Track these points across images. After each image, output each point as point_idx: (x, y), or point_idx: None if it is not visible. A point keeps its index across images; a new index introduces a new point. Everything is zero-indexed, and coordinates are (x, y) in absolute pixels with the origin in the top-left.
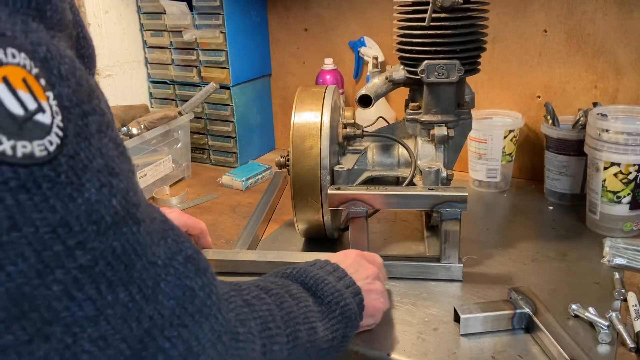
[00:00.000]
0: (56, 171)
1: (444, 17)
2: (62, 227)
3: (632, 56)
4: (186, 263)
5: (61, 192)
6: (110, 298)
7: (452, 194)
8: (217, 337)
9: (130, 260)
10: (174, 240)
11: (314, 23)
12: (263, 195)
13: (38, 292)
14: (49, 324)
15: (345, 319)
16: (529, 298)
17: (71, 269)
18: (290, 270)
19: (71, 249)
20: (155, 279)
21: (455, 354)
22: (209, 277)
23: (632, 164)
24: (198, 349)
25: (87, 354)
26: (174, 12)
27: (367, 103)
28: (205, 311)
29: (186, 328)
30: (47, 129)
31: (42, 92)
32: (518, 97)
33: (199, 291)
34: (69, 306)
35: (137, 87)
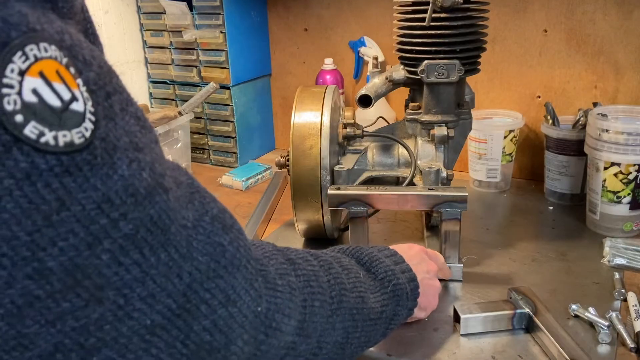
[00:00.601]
0: (93, 154)
1: (444, 17)
2: (105, 203)
3: (632, 56)
4: (213, 222)
5: (99, 172)
6: (153, 260)
7: (452, 194)
8: (249, 284)
9: (165, 225)
10: (200, 202)
11: (314, 23)
12: (263, 195)
13: (89, 262)
14: (101, 289)
15: (396, 297)
16: (529, 298)
17: (117, 238)
18: (347, 247)
19: (115, 221)
20: (188, 239)
21: (455, 354)
22: (235, 232)
23: (632, 164)
24: (234, 296)
25: (139, 311)
26: (174, 12)
27: (367, 103)
28: (236, 262)
29: (222, 279)
30: (82, 116)
31: (73, 81)
32: (518, 97)
33: (228, 246)
34: (118, 271)
35: (137, 87)
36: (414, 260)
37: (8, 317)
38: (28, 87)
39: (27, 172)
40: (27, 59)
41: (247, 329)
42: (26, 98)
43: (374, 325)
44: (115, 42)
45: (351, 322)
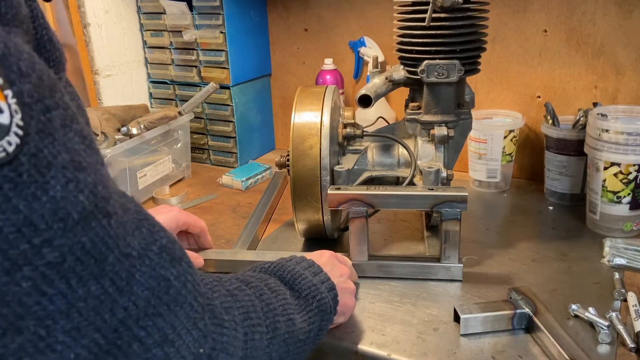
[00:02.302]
0: (17, 171)
1: (444, 17)
2: (27, 227)
3: (632, 56)
4: (161, 253)
5: (24, 192)
6: (81, 292)
7: (452, 194)
8: (192, 323)
9: (101, 254)
10: (149, 230)
11: (314, 23)
12: (263, 195)
13: (7, 289)
14: (21, 318)
15: (321, 312)
16: (529, 298)
17: (39, 265)
18: (268, 265)
19: (37, 247)
20: (130, 270)
21: (455, 354)
22: (184, 265)
23: (632, 164)
24: (173, 336)
25: (62, 344)
26: (174, 12)
27: (367, 103)
28: (180, 299)
29: (161, 317)
30: (5, 130)
31: (0, 92)
32: (518, 97)
33: (174, 281)
34: (40, 300)
35: (137, 87)
36: (327, 267)
37: None
38: None
39: None
40: None
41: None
42: None
43: (303, 345)
44: (115, 42)
45: (284, 348)
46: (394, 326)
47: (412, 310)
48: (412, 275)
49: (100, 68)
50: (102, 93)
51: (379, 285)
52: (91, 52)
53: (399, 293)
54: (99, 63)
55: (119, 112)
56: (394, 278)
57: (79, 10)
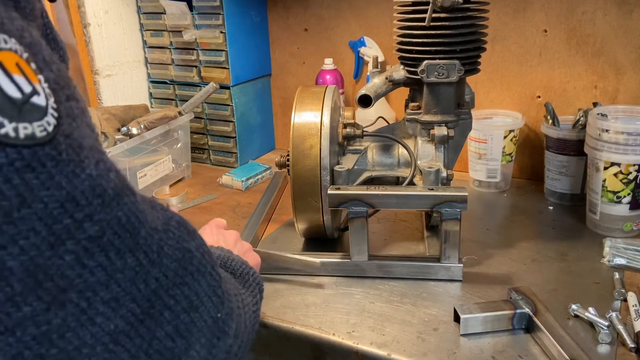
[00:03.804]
0: (57, 150)
1: (444, 17)
2: (70, 202)
3: (632, 56)
4: (179, 227)
5: (65, 169)
6: (119, 264)
7: (452, 194)
8: (212, 291)
9: (135, 228)
10: (161, 207)
11: (314, 23)
12: (263, 195)
13: (51, 263)
14: (63, 292)
15: (258, 285)
16: (529, 298)
17: (81, 239)
18: None
19: (80, 222)
20: (159, 243)
21: (455, 354)
22: (199, 238)
23: (632, 164)
24: (197, 302)
25: (102, 316)
26: (174, 12)
27: (367, 103)
28: (202, 269)
29: (187, 286)
30: (43, 110)
31: (35, 76)
32: (518, 97)
33: (195, 252)
34: (82, 273)
35: (137, 87)
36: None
37: None
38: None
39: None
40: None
41: (205, 333)
42: None
43: (257, 317)
44: (115, 42)
45: (249, 319)
46: (394, 326)
47: (412, 310)
48: (412, 275)
49: (100, 68)
50: (102, 93)
51: (379, 285)
52: (91, 52)
53: (399, 293)
54: (99, 63)
55: (119, 112)
56: (394, 278)
57: (79, 10)
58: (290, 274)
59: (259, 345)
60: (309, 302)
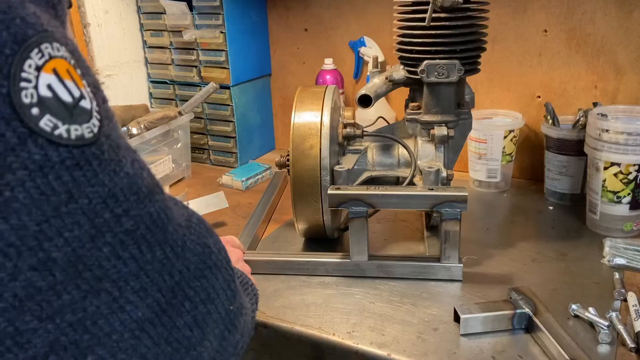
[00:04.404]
0: (101, 149)
1: (444, 17)
2: (110, 198)
3: (632, 56)
4: (199, 223)
5: (107, 168)
6: (149, 256)
7: (452, 194)
8: (227, 285)
9: (164, 223)
10: (183, 206)
11: (314, 23)
12: (263, 195)
13: (91, 254)
14: (99, 281)
15: (254, 295)
16: (529, 298)
17: (118, 232)
18: None
19: (118, 216)
20: (183, 238)
21: (455, 354)
22: (216, 235)
23: (632, 164)
24: (214, 295)
25: (131, 304)
26: (174, 12)
27: (367, 103)
28: (219, 264)
29: (205, 279)
30: (89, 113)
31: (81, 80)
32: (518, 97)
33: (213, 247)
34: (116, 264)
35: (137, 87)
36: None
37: (8, 312)
38: (43, 82)
39: (40, 163)
40: (42, 56)
41: (219, 325)
42: (42, 92)
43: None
44: (115, 42)
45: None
46: (394, 326)
47: (412, 310)
48: (412, 275)
49: (100, 68)
50: None
51: (379, 285)
52: (91, 52)
53: (399, 293)
54: (99, 63)
55: (119, 112)
56: (394, 278)
57: (79, 10)
58: (291, 274)
59: (259, 345)
60: (309, 302)
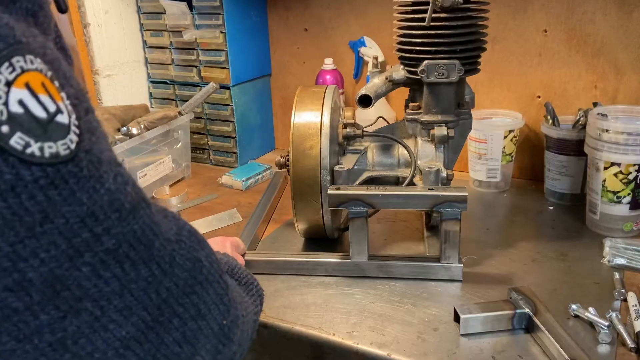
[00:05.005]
0: (79, 166)
1: (444, 17)
2: (89, 217)
3: (632, 56)
4: (190, 236)
5: (86, 185)
6: (133, 275)
7: (452, 194)
8: (219, 299)
9: (149, 240)
10: (173, 217)
11: (314, 23)
12: (263, 195)
13: (69, 274)
14: (79, 300)
15: (259, 296)
16: (529, 298)
17: (98, 252)
18: None
19: (98, 235)
20: (172, 253)
21: (455, 354)
22: (208, 247)
23: (632, 164)
24: (205, 310)
25: (114, 323)
26: (174, 12)
27: (367, 103)
28: (210, 278)
29: (196, 294)
30: (66, 128)
31: (58, 94)
32: (518, 97)
33: (205, 261)
34: (97, 283)
35: (137, 87)
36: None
37: None
38: (14, 98)
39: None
40: (13, 70)
41: (211, 340)
42: (12, 109)
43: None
44: (115, 42)
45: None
46: (394, 326)
47: (412, 310)
48: (412, 275)
49: (100, 68)
50: (102, 93)
51: (379, 285)
52: (91, 52)
53: (399, 293)
54: (99, 63)
55: (119, 112)
56: (394, 278)
57: (79, 10)
58: (291, 274)
59: (259, 345)
60: (309, 302)
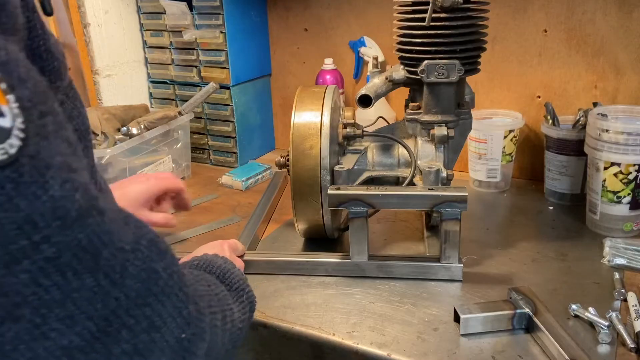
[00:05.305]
0: (18, 172)
1: (444, 17)
2: (27, 224)
3: (632, 56)
4: (150, 246)
5: (25, 191)
6: (75, 284)
7: (452, 194)
8: (177, 312)
9: (96, 249)
10: (136, 225)
11: (314, 23)
12: (263, 195)
13: (5, 280)
14: (17, 307)
15: (250, 303)
16: (529, 298)
17: (37, 260)
18: (197, 261)
19: (36, 243)
20: (123, 263)
21: (455, 354)
22: (169, 258)
23: (632, 164)
24: (160, 323)
25: (56, 332)
26: (174, 12)
27: (367, 103)
28: (167, 290)
29: (149, 306)
30: (7, 132)
31: (3, 96)
32: (518, 97)
33: (162, 272)
34: (37, 291)
35: (137, 87)
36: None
37: None
38: None
39: None
40: None
41: (167, 353)
42: None
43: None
44: (115, 42)
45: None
46: (394, 326)
47: (412, 310)
48: (412, 275)
49: (100, 68)
50: (102, 93)
51: (379, 285)
52: (91, 52)
53: (399, 293)
54: (99, 63)
55: (119, 112)
56: (394, 278)
57: (79, 10)
58: (291, 274)
59: (259, 345)
60: (309, 302)
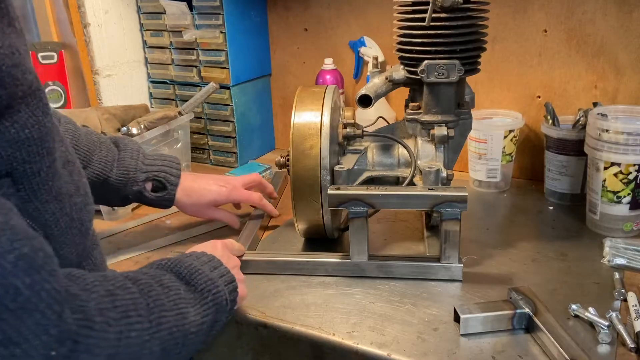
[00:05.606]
0: None
1: (444, 17)
2: None
3: (632, 56)
4: (17, 261)
5: None
6: None
7: (452, 194)
8: (42, 329)
9: None
10: (8, 239)
11: (314, 23)
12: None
13: None
14: None
15: (216, 305)
16: (529, 298)
17: None
18: (166, 261)
19: None
20: None
21: (455, 354)
22: (43, 274)
23: (632, 164)
24: (18, 339)
25: None
26: (174, 12)
27: (367, 103)
28: (29, 307)
29: (4, 321)
30: None
31: None
32: (518, 97)
33: (25, 289)
34: None
35: (137, 87)
36: (223, 260)
37: None
38: None
39: None
40: None
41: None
42: None
43: (195, 337)
44: (115, 42)
45: (171, 341)
46: (394, 326)
47: (412, 310)
48: (412, 275)
49: (100, 68)
50: (102, 93)
51: (379, 285)
52: (91, 52)
53: (399, 293)
54: (99, 63)
55: (119, 112)
56: (394, 278)
57: (79, 10)
58: (291, 274)
59: (259, 345)
60: (309, 302)
